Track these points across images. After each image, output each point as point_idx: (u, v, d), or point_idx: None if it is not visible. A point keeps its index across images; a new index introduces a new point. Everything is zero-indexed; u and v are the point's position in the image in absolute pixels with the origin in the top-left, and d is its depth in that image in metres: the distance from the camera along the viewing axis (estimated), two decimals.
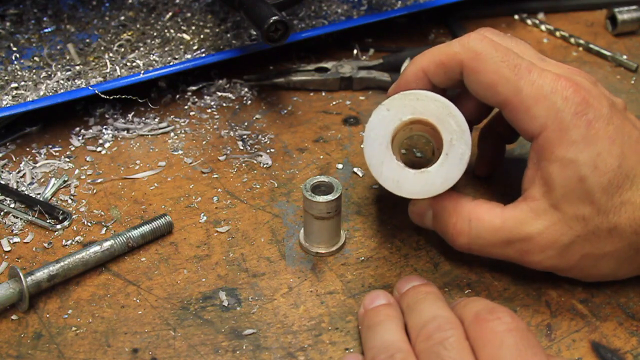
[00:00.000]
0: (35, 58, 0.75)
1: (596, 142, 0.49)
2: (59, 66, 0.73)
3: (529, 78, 0.50)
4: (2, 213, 0.61)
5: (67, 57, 0.74)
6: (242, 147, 0.68)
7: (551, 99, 0.49)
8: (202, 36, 0.76)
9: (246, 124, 0.71)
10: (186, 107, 0.74)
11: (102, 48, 0.75)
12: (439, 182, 0.52)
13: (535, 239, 0.50)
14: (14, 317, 0.53)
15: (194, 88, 0.76)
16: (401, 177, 0.52)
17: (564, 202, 0.49)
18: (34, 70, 0.72)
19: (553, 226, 0.50)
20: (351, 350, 0.51)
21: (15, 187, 0.64)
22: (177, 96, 0.75)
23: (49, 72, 0.72)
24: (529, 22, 0.88)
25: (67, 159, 0.67)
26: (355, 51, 0.81)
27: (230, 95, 0.75)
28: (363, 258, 0.58)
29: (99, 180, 0.65)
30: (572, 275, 0.53)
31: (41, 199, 0.63)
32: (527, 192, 0.52)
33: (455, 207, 0.53)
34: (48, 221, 0.60)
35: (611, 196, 0.49)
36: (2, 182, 0.64)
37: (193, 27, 0.78)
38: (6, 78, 0.71)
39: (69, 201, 0.63)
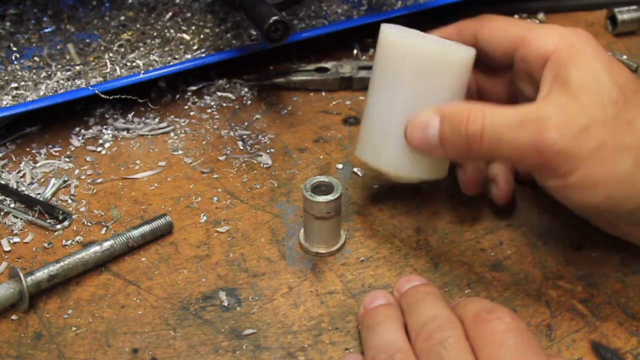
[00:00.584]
0: (35, 58, 0.75)
1: (607, 57, 0.52)
2: (59, 66, 0.73)
3: (538, 24, 0.55)
4: (2, 213, 0.61)
5: (67, 57, 0.74)
6: (242, 147, 0.68)
7: (562, 30, 0.53)
8: (202, 36, 0.76)
9: (246, 124, 0.71)
10: (186, 107, 0.74)
11: (102, 48, 0.75)
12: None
13: (551, 118, 0.48)
14: (14, 317, 0.53)
15: (194, 88, 0.76)
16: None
17: (581, 92, 0.49)
18: (34, 70, 0.72)
19: (570, 108, 0.49)
20: (351, 350, 0.51)
21: (15, 187, 0.64)
22: (177, 96, 0.75)
23: (49, 72, 0.72)
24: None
25: (67, 159, 0.67)
26: (355, 51, 0.81)
27: (230, 95, 0.75)
28: (363, 258, 0.58)
29: (99, 180, 0.65)
30: (587, 176, 0.49)
31: (41, 199, 0.63)
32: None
33: (468, 104, 0.52)
34: (48, 221, 0.61)
35: (628, 94, 0.50)
36: (2, 182, 0.64)
37: (193, 27, 0.78)
38: (6, 78, 0.71)
39: (69, 201, 0.63)
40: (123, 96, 0.69)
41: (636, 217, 0.50)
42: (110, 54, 0.74)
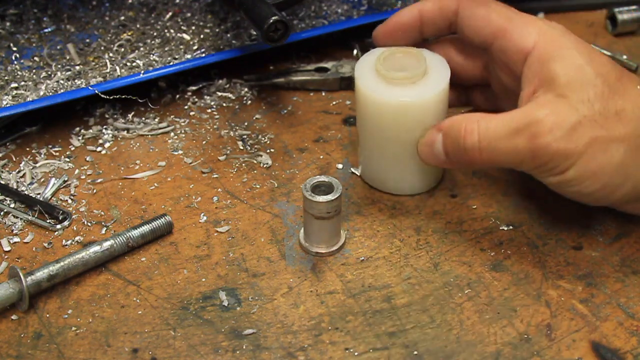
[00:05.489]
0: (35, 58, 0.75)
1: (586, 48, 0.53)
2: (59, 66, 0.73)
3: (519, 12, 0.56)
4: (2, 213, 0.61)
5: (67, 57, 0.74)
6: (242, 147, 0.68)
7: (539, 23, 0.55)
8: (202, 36, 0.76)
9: (246, 124, 0.71)
10: (186, 107, 0.74)
11: (102, 48, 0.75)
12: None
13: (542, 121, 0.50)
14: (14, 317, 0.53)
15: (194, 88, 0.76)
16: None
17: (567, 89, 0.51)
18: (34, 70, 0.72)
19: (559, 108, 0.51)
20: (351, 350, 0.51)
21: (15, 187, 0.64)
22: (177, 96, 0.75)
23: (49, 72, 0.72)
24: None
25: (67, 159, 0.67)
26: (355, 51, 0.81)
27: (230, 95, 0.75)
28: (363, 258, 0.58)
29: (99, 180, 0.65)
30: (584, 169, 0.51)
31: (41, 199, 0.63)
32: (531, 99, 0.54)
33: (464, 116, 0.55)
34: (48, 221, 0.61)
35: (612, 83, 0.51)
36: (2, 182, 0.64)
37: (193, 27, 0.78)
38: (6, 78, 0.71)
39: (69, 201, 0.63)
40: (123, 96, 0.69)
41: (631, 198, 0.53)
42: (110, 54, 0.74)
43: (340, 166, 0.66)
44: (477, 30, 0.57)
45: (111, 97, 0.69)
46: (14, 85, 0.70)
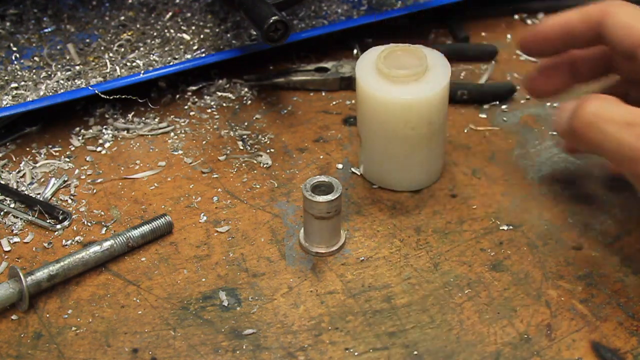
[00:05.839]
0: (35, 58, 0.75)
1: None
2: (59, 66, 0.73)
3: None
4: (2, 213, 0.61)
5: (67, 57, 0.74)
6: (242, 147, 0.68)
7: None
8: (202, 36, 0.76)
9: (246, 124, 0.71)
10: (186, 107, 0.74)
11: (102, 48, 0.75)
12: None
13: None
14: (14, 317, 0.53)
15: (194, 88, 0.76)
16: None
17: None
18: (34, 70, 0.72)
19: None
20: (351, 350, 0.51)
21: (15, 187, 0.64)
22: (177, 96, 0.75)
23: (49, 72, 0.72)
24: (529, 22, 0.88)
25: (67, 159, 0.67)
26: (355, 51, 0.81)
27: (230, 95, 0.75)
28: (363, 258, 0.58)
29: (99, 180, 0.65)
30: None
31: (41, 199, 0.63)
32: None
33: (602, 95, 0.51)
34: (48, 221, 0.61)
35: None
36: (2, 182, 0.64)
37: (193, 27, 0.78)
38: (6, 78, 0.71)
39: (69, 201, 0.63)
40: (123, 96, 0.69)
41: None
42: (110, 54, 0.74)
43: (340, 166, 0.66)
44: (620, 40, 0.53)
45: (111, 97, 0.69)
46: (14, 85, 0.70)
